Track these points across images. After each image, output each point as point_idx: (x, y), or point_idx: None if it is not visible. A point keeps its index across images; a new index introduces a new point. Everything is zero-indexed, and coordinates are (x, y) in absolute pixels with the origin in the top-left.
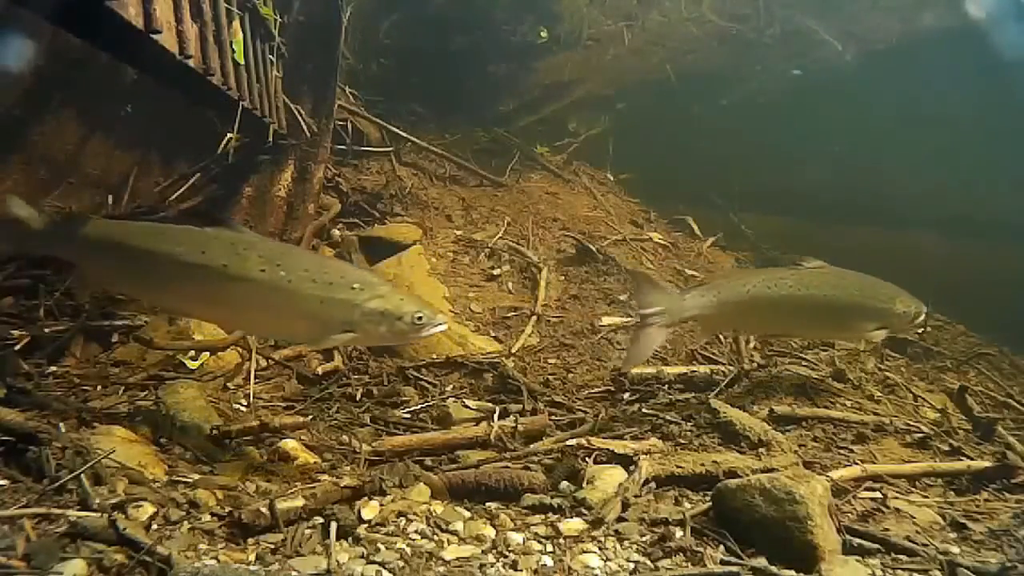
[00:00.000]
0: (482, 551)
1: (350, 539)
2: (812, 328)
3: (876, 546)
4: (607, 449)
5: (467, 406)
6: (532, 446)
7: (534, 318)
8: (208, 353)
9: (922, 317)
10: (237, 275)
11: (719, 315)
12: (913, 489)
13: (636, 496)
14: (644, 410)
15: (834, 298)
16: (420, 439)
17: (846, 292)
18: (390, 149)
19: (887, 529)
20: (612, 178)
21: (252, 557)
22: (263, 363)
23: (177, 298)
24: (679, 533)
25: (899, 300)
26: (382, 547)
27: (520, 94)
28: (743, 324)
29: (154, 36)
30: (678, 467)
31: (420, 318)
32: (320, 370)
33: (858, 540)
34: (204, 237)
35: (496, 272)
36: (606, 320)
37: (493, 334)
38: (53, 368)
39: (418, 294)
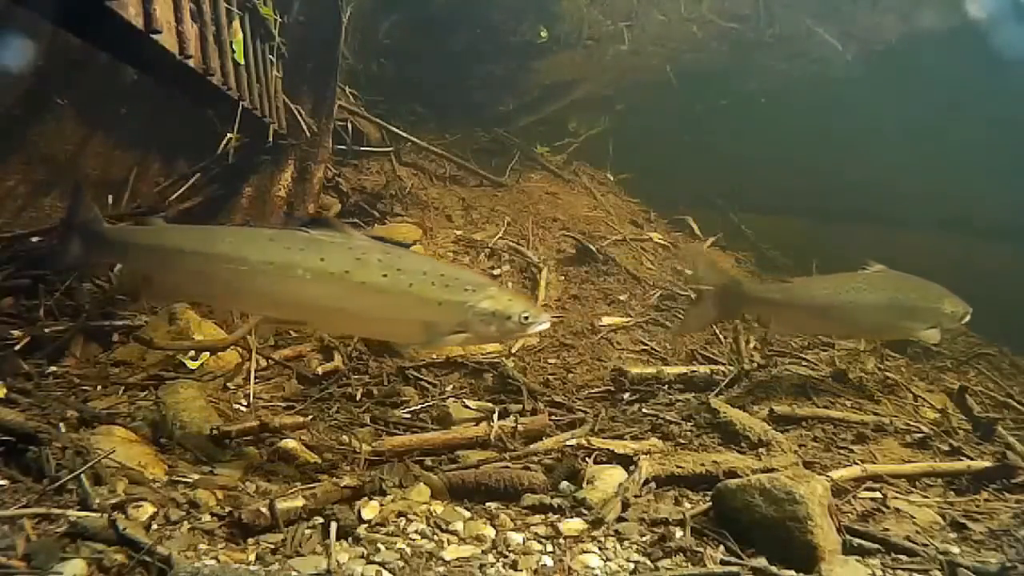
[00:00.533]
0: (482, 551)
1: (350, 539)
2: (877, 329)
3: (876, 546)
4: (607, 449)
5: (467, 406)
6: (532, 446)
7: None
8: (208, 353)
9: (968, 317)
10: (362, 281)
11: (795, 312)
12: (913, 489)
13: (636, 496)
14: (644, 410)
15: (897, 300)
16: (420, 439)
17: (907, 294)
18: (390, 149)
19: (887, 529)
20: (612, 178)
21: (252, 557)
22: (263, 363)
23: (290, 307)
24: (679, 533)
25: (947, 300)
26: (382, 547)
27: (520, 94)
28: (818, 325)
29: (154, 36)
30: (678, 467)
31: (527, 317)
32: (320, 370)
33: (858, 540)
34: (319, 243)
35: (496, 272)
36: (606, 320)
37: None
38: (53, 368)
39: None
